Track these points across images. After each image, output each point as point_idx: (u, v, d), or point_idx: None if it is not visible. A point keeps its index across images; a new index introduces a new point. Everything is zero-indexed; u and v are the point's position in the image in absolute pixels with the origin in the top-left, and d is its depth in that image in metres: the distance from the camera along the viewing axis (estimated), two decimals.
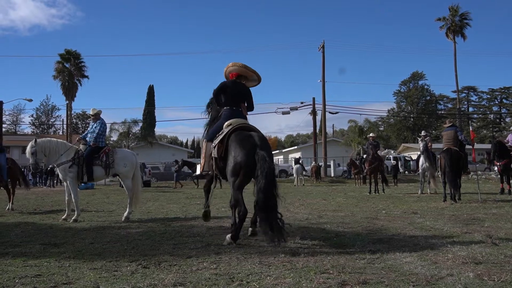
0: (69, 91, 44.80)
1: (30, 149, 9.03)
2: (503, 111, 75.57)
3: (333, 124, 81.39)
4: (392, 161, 30.80)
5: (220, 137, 6.08)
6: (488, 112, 74.13)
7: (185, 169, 29.73)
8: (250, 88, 6.90)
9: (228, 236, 5.87)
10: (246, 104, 6.77)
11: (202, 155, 6.53)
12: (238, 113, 6.51)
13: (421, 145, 15.85)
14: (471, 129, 13.72)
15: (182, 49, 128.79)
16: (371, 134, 18.60)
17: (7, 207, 11.65)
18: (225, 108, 6.60)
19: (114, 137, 48.96)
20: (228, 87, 6.61)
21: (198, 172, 6.79)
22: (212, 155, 6.21)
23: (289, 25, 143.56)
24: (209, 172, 6.38)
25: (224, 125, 6.24)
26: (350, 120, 44.98)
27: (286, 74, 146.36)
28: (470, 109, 76.91)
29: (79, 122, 76.84)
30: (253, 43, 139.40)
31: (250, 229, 6.14)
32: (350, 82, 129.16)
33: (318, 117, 43.47)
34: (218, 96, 6.65)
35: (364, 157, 17.75)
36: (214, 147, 6.12)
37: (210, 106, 7.51)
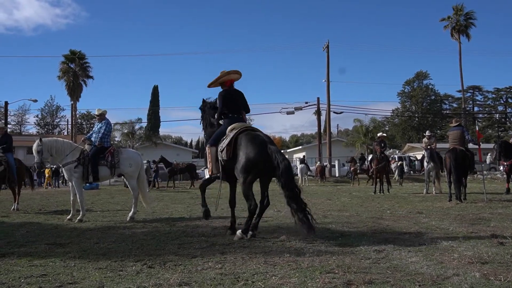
0: (74, 92, 44.96)
1: (37, 148, 9.06)
2: (508, 111, 75.27)
3: (337, 124, 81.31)
4: (397, 162, 30.58)
5: (227, 140, 6.29)
6: (494, 112, 73.78)
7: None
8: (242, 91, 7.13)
9: (239, 231, 6.21)
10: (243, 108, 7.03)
11: (208, 160, 6.74)
12: (238, 120, 6.77)
13: (426, 154, 15.81)
14: (477, 129, 13.65)
15: (186, 49, 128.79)
16: (379, 134, 18.56)
17: (12, 207, 11.69)
18: (227, 116, 6.81)
19: (118, 137, 49.04)
20: (227, 97, 6.83)
21: (207, 176, 6.98)
22: (220, 158, 6.43)
23: (294, 25, 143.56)
24: (218, 175, 6.52)
25: (228, 130, 6.49)
26: (355, 119, 44.92)
27: (291, 74, 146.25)
28: (475, 108, 76.58)
29: (84, 123, 77.06)
30: (258, 43, 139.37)
31: (250, 232, 6.22)
32: (354, 82, 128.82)
33: (323, 117, 43.51)
34: (223, 108, 6.83)
35: (370, 157, 17.70)
36: (222, 151, 6.33)
37: (203, 110, 7.71)
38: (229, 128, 6.49)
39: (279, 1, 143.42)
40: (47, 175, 31.05)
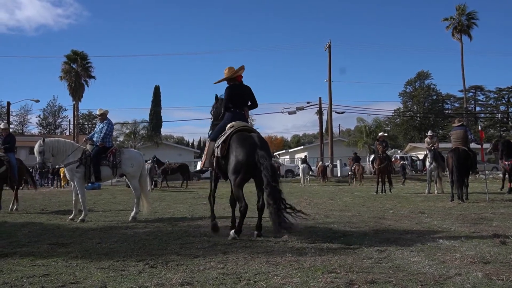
0: (76, 92, 45.01)
1: (38, 148, 9.08)
2: (510, 111, 75.08)
3: (339, 124, 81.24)
4: (401, 161, 30.50)
5: (223, 137, 6.44)
6: (496, 112, 73.63)
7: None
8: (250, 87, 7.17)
9: (232, 231, 6.30)
10: (250, 103, 7.08)
11: (204, 153, 6.93)
12: (240, 116, 6.84)
13: (429, 155, 15.76)
14: (480, 129, 13.62)
15: (187, 49, 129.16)
16: (380, 134, 18.51)
17: (10, 208, 11.57)
18: (230, 110, 6.87)
19: (121, 137, 49.06)
20: (234, 92, 6.89)
21: (198, 168, 7.09)
22: (215, 154, 6.55)
23: (295, 25, 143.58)
24: (209, 169, 6.68)
25: (227, 127, 6.60)
26: (358, 119, 44.82)
27: (293, 74, 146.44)
28: (477, 108, 76.48)
29: (86, 123, 77.15)
30: (260, 43, 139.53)
31: (255, 232, 6.35)
32: (356, 82, 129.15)
33: (325, 117, 43.47)
34: (228, 103, 6.89)
35: (372, 157, 17.67)
36: (218, 147, 6.48)
37: (213, 109, 7.69)
38: (228, 125, 6.59)
39: (281, 1, 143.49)
40: (62, 174, 30.97)
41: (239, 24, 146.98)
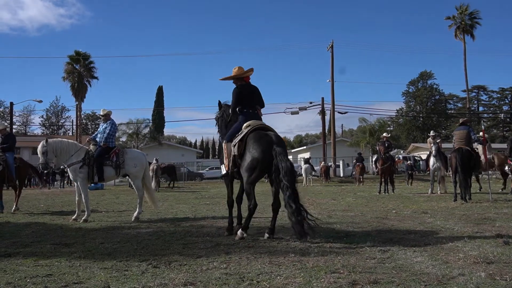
0: (79, 92, 45.04)
1: (41, 149, 9.09)
2: None
3: (342, 124, 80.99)
4: (408, 161, 30.40)
5: (240, 136, 6.41)
6: (499, 112, 73.48)
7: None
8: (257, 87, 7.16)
9: (239, 230, 6.28)
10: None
11: (225, 156, 6.82)
12: (254, 115, 6.83)
13: (433, 148, 15.68)
14: (483, 129, 13.58)
15: (191, 49, 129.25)
16: (384, 134, 18.51)
17: (13, 209, 11.50)
18: (242, 111, 6.84)
19: (123, 137, 49.13)
20: (243, 92, 6.87)
21: (223, 171, 7.01)
22: (233, 153, 6.50)
23: (298, 25, 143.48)
24: (235, 170, 6.59)
25: (243, 126, 6.57)
26: (361, 119, 44.79)
27: (295, 74, 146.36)
28: (480, 108, 76.38)
29: (89, 123, 77.32)
30: (262, 44, 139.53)
31: (266, 235, 6.30)
32: (359, 82, 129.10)
33: (327, 117, 43.45)
34: (237, 103, 6.86)
35: (375, 157, 17.65)
36: (235, 146, 6.43)
37: (218, 119, 7.66)
38: (244, 125, 6.56)
39: (283, 2, 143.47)
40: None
41: (242, 24, 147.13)
